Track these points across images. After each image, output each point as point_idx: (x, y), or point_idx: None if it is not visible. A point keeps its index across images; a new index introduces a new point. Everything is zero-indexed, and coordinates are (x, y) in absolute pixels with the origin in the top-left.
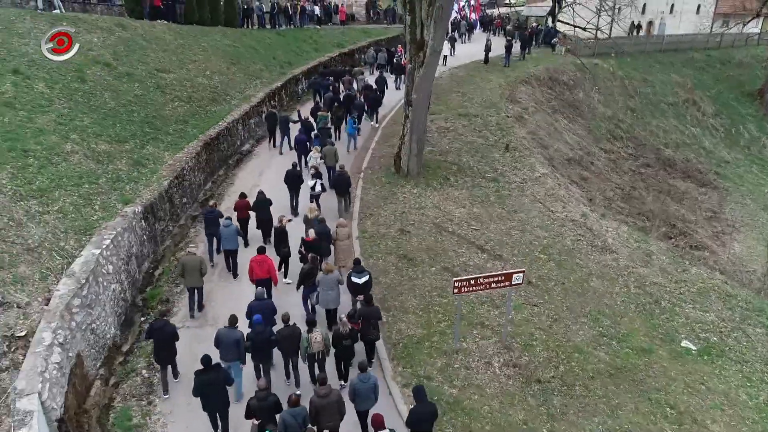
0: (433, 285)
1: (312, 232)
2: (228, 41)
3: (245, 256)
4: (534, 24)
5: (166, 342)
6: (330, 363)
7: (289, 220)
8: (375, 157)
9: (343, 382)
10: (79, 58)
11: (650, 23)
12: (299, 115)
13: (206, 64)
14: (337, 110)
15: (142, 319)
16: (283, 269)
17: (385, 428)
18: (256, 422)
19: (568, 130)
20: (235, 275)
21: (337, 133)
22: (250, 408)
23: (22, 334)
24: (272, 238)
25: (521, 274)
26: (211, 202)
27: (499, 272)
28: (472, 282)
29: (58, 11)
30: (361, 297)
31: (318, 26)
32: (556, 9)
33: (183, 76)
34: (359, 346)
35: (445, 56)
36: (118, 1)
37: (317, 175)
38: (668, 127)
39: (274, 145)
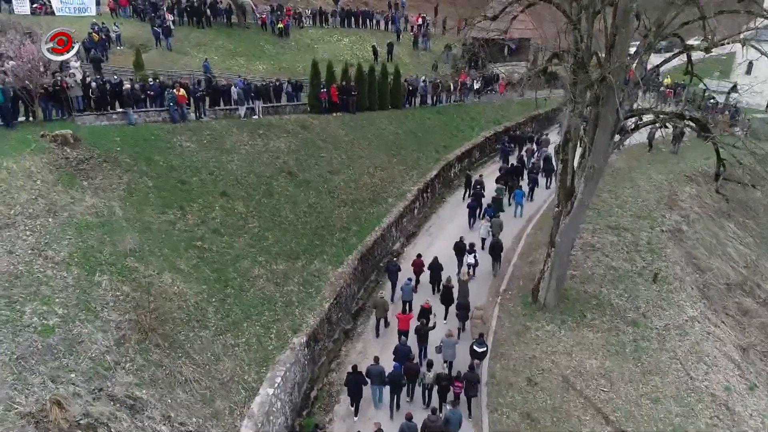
0: None
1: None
2: (392, 127)
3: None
4: (711, 100)
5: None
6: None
7: (452, 287)
8: (515, 276)
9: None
10: (269, 169)
11: None
12: (478, 181)
13: (370, 160)
14: (510, 179)
15: None
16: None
17: None
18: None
19: (735, 239)
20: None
21: (509, 199)
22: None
23: None
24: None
25: None
26: (394, 258)
27: None
28: None
29: (257, 117)
30: (477, 361)
31: (477, 98)
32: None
33: (349, 176)
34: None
35: None
36: (303, 100)
37: (472, 250)
38: None
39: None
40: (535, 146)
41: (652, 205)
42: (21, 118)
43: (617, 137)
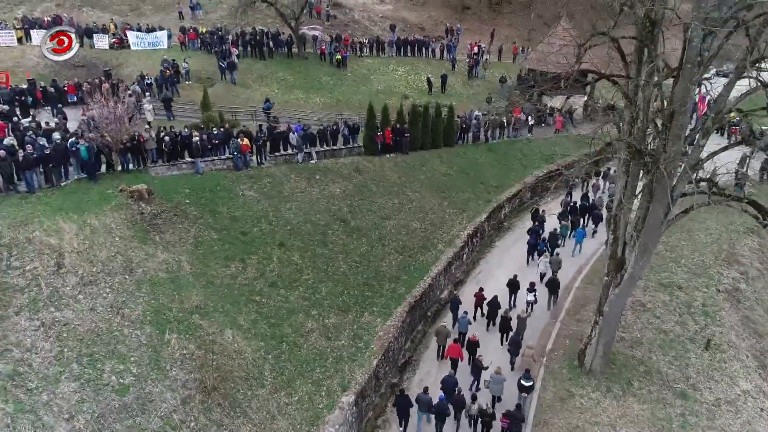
0: None
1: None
2: (443, 168)
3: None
4: None
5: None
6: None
7: (509, 319)
8: (561, 335)
9: None
10: (324, 217)
11: None
12: (541, 216)
13: (421, 203)
14: (573, 216)
15: None
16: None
17: None
18: None
19: None
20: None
21: (570, 234)
22: None
23: None
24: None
25: None
26: (455, 293)
27: None
28: None
29: (314, 161)
30: (524, 395)
31: (530, 134)
32: None
33: (400, 222)
34: None
35: None
36: (358, 141)
37: (532, 289)
38: None
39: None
40: (601, 181)
41: (709, 261)
42: (102, 167)
43: (670, 216)
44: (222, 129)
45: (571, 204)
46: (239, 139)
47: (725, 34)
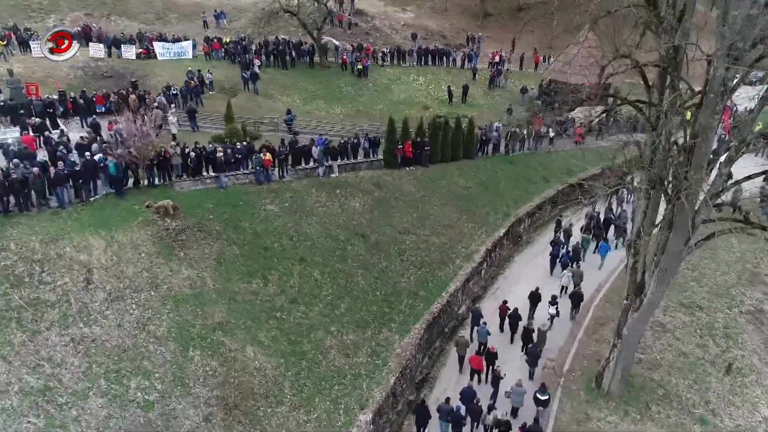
0: None
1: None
2: (463, 181)
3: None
4: None
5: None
6: None
7: (532, 330)
8: (579, 355)
9: None
10: (344, 232)
11: None
12: (566, 229)
13: (440, 218)
14: (597, 230)
15: None
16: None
17: None
18: None
19: None
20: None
21: (595, 248)
22: None
23: None
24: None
25: None
26: (476, 305)
27: None
28: None
29: (335, 174)
30: (541, 408)
31: (550, 146)
32: None
33: (419, 237)
34: None
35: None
36: (379, 154)
37: (554, 302)
38: None
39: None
40: (625, 192)
41: (731, 281)
42: (129, 182)
43: (690, 244)
44: (245, 143)
45: (596, 216)
46: (262, 154)
47: (749, 63)
